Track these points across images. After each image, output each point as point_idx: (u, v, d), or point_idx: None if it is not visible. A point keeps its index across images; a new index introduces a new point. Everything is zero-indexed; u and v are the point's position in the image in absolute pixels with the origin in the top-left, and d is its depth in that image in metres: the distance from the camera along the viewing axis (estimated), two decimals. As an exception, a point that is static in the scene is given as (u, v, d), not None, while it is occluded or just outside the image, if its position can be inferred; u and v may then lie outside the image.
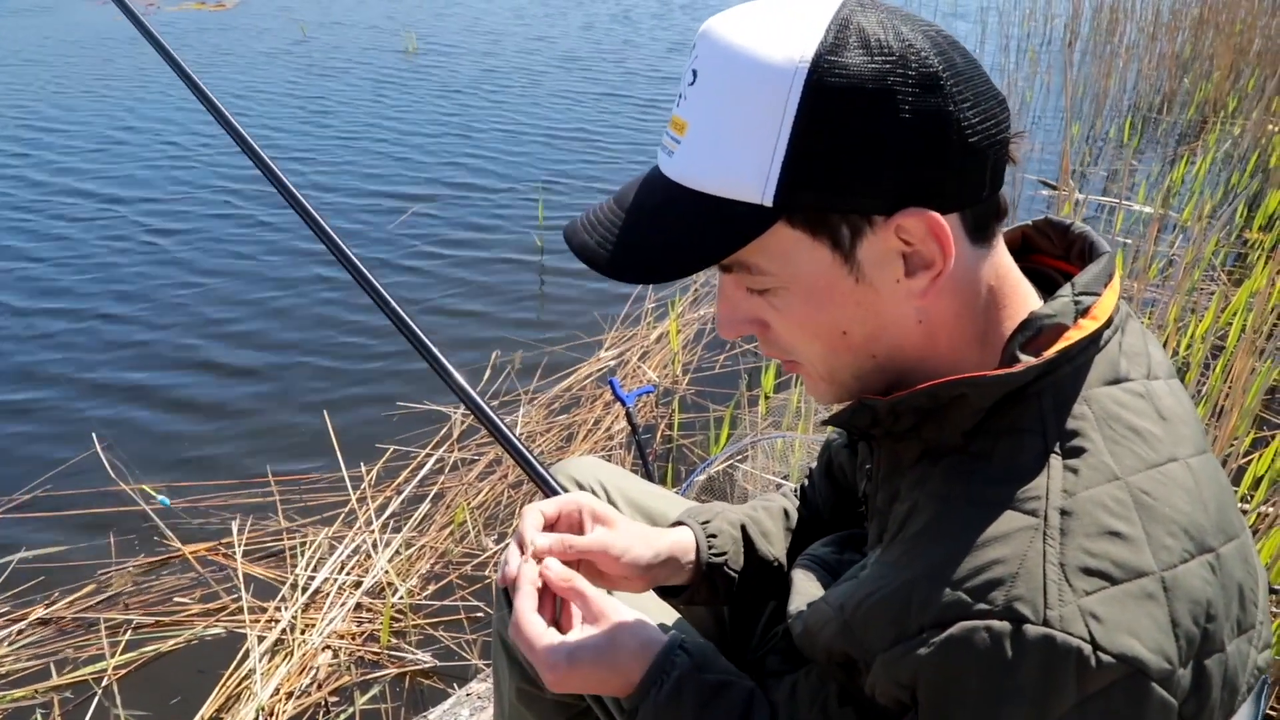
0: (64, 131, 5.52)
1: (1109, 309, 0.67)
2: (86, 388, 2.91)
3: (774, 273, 0.66)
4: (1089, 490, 0.60)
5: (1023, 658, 0.57)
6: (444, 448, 2.57)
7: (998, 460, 0.64)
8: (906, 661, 0.61)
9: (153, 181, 4.73)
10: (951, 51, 0.62)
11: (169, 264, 3.78)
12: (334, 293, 3.49)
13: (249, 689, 1.82)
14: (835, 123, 0.60)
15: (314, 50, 7.66)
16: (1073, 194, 3.82)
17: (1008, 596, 0.58)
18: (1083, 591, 0.57)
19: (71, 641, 1.95)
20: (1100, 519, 0.59)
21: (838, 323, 0.67)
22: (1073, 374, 0.65)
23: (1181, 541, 0.60)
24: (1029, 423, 0.64)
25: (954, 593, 0.59)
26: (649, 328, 3.19)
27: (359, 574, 2.12)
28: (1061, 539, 0.59)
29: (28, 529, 2.28)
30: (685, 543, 0.97)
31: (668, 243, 0.66)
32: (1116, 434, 0.63)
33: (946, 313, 0.68)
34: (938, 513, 0.65)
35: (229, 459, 2.55)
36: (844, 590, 0.72)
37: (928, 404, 0.67)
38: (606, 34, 8.42)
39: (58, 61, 7.32)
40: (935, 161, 0.61)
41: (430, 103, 6.10)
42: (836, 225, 0.63)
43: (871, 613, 0.66)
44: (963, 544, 0.61)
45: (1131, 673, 0.56)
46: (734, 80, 0.61)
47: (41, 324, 3.30)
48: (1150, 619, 0.57)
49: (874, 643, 0.65)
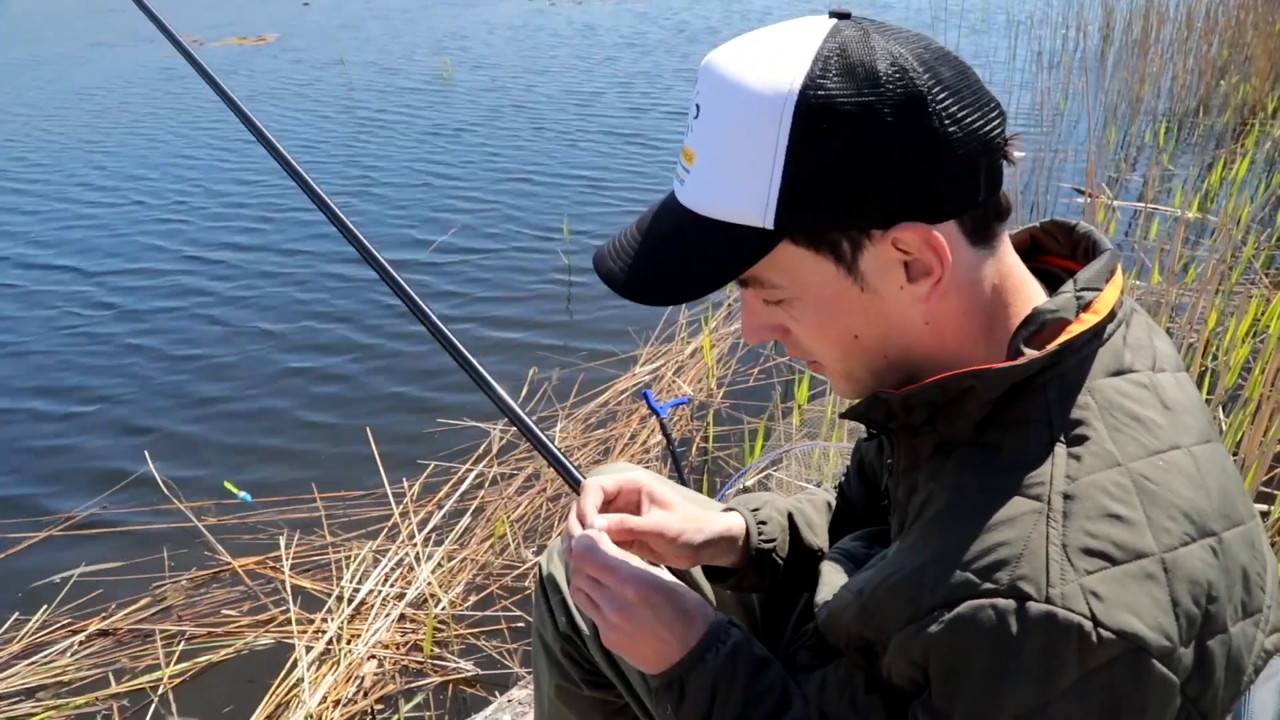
0: (123, 158, 5.71)
1: (1110, 303, 0.70)
2: (141, 409, 3.01)
3: (784, 286, 0.70)
4: (1091, 476, 0.63)
5: (1026, 634, 0.59)
6: (484, 463, 2.62)
7: (1006, 450, 0.67)
8: (919, 640, 0.64)
9: (204, 203, 4.89)
10: (939, 66, 0.65)
11: (217, 290, 3.90)
12: (377, 316, 3.58)
13: (297, 697, 1.88)
14: (825, 147, 0.63)
15: (353, 80, 7.85)
16: (1100, 199, 3.80)
17: (1012, 576, 0.60)
18: (1084, 571, 0.59)
19: (128, 652, 2.03)
20: (1102, 503, 0.62)
21: (849, 328, 0.71)
22: (1076, 366, 0.68)
23: (1182, 525, 0.62)
24: (1035, 414, 0.67)
25: (963, 574, 0.62)
26: (683, 343, 3.22)
27: (402, 586, 2.17)
28: (1064, 521, 0.61)
29: (86, 545, 2.36)
30: (735, 528, 1.01)
31: (681, 267, 0.70)
32: (1119, 422, 0.66)
33: (952, 313, 0.70)
34: (950, 501, 0.68)
35: (277, 477, 2.63)
36: (864, 576, 0.75)
37: (938, 396, 0.69)
38: (639, 62, 8.52)
39: (116, 96, 7.57)
40: (924, 174, 0.64)
41: (465, 128, 6.22)
42: (837, 241, 0.66)
43: (887, 595, 0.68)
44: (972, 528, 0.64)
45: (1132, 649, 0.58)
46: (731, 113, 0.66)
47: (98, 346, 3.42)
48: (1150, 598, 0.59)
49: (890, 624, 0.67)
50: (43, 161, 5.93)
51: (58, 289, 3.99)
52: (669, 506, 0.96)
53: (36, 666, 1.99)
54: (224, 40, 10.07)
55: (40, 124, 6.85)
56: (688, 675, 0.82)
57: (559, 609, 1.15)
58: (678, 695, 0.82)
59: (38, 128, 6.75)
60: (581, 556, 0.84)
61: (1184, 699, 0.61)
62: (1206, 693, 0.62)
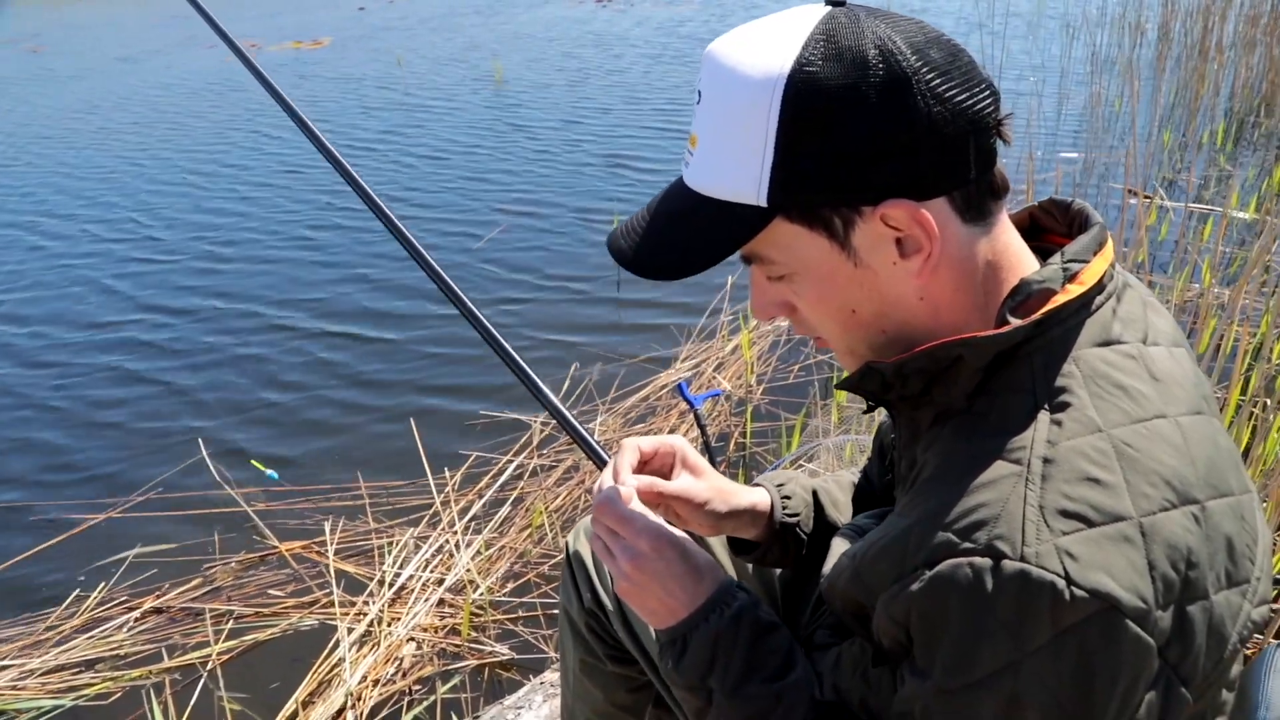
0: (180, 157, 5.89)
1: (1097, 274, 0.71)
2: (197, 401, 3.12)
3: (783, 262, 0.73)
4: (1071, 441, 0.64)
5: (1000, 591, 0.60)
6: (524, 454, 2.66)
7: (993, 417, 0.69)
8: (901, 599, 0.66)
9: (259, 204, 5.02)
10: (928, 48, 0.67)
11: (269, 287, 4.02)
12: (422, 310, 3.66)
13: (339, 676, 1.94)
14: (813, 127, 0.66)
15: (408, 82, 8.00)
16: (1155, 200, 3.73)
17: (990, 535, 0.62)
18: (1060, 532, 0.61)
19: (180, 629, 2.11)
20: (1080, 466, 0.63)
21: (846, 303, 0.73)
22: (1062, 336, 0.69)
23: (1162, 491, 0.63)
24: (1021, 381, 0.68)
25: (944, 534, 0.64)
26: (724, 340, 3.24)
27: (442, 572, 2.22)
28: (1042, 484, 0.63)
29: (142, 526, 2.46)
30: (760, 502, 1.04)
31: (685, 243, 0.74)
32: (1103, 390, 0.67)
33: (945, 287, 0.72)
34: (938, 466, 0.70)
35: (323, 465, 2.70)
36: (860, 543, 0.77)
37: (929, 365, 0.71)
38: (690, 62, 8.54)
39: (176, 99, 7.80)
40: (911, 152, 0.66)
41: (517, 128, 6.31)
42: (829, 218, 0.69)
43: (877, 558, 0.70)
44: (955, 491, 0.65)
45: (1105, 608, 0.59)
46: (726, 97, 0.69)
47: (160, 340, 3.55)
48: (1125, 560, 0.60)
49: (878, 585, 0.69)
50: (109, 161, 6.14)
51: (119, 284, 4.14)
52: (700, 473, 0.98)
53: (95, 640, 2.08)
54: (281, 44, 10.32)
55: (100, 124, 7.09)
56: (691, 633, 0.84)
57: (585, 585, 1.18)
58: (679, 651, 0.84)
59: (99, 128, 6.98)
60: (601, 507, 0.87)
61: (1163, 663, 0.62)
62: (1187, 659, 0.63)
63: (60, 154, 6.44)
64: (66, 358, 3.49)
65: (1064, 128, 5.29)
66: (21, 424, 3.05)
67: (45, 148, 6.63)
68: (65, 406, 3.14)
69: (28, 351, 3.57)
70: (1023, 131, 4.71)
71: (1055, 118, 5.48)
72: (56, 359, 3.49)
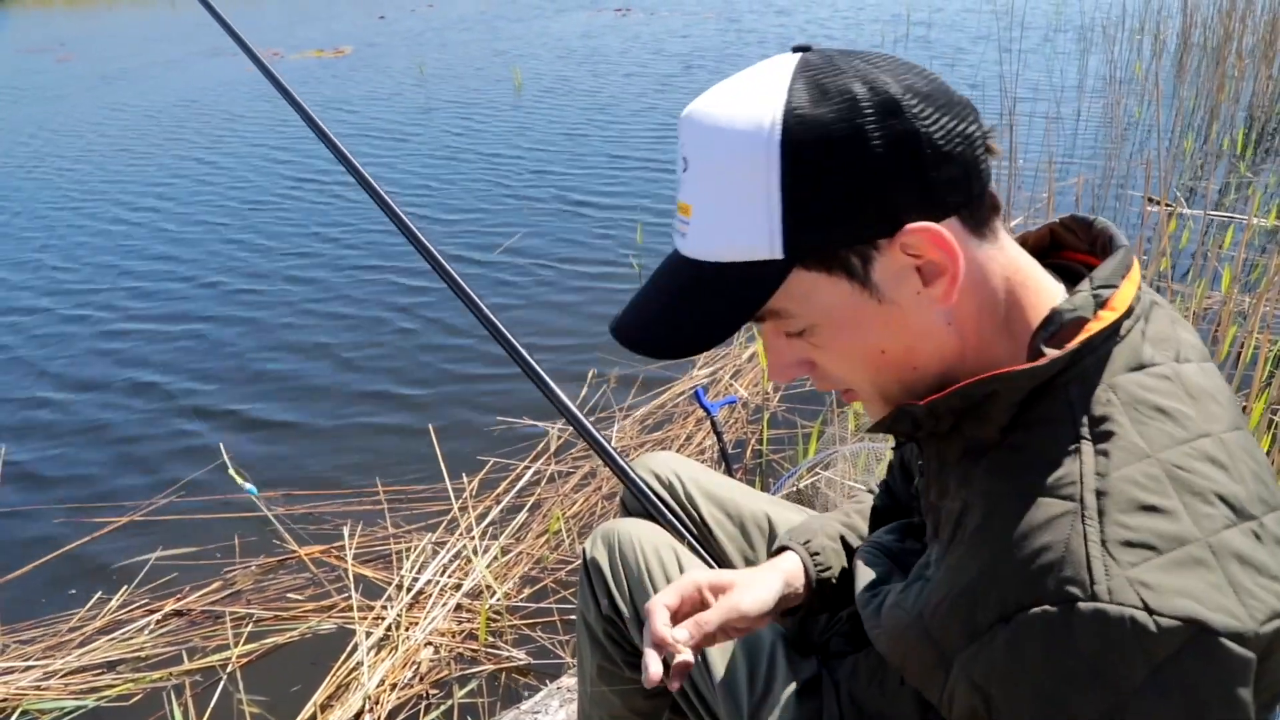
0: (200, 165, 5.95)
1: (1128, 300, 0.70)
2: (219, 408, 3.15)
3: (803, 314, 0.70)
4: (1120, 470, 0.62)
5: (1079, 635, 0.58)
6: (541, 461, 2.67)
7: (1033, 452, 0.67)
8: (980, 660, 0.64)
9: (277, 210, 5.07)
10: (907, 75, 0.67)
11: (290, 294, 4.05)
12: (440, 316, 3.68)
13: (357, 679, 1.95)
14: (817, 170, 0.65)
15: (428, 89, 8.05)
16: (1176, 208, 3.71)
17: (1058, 580, 0.59)
18: (1129, 564, 0.58)
19: (200, 632, 2.13)
20: (1135, 495, 0.61)
21: (874, 344, 0.71)
22: (1096, 364, 0.68)
23: (1221, 509, 0.61)
24: (1059, 413, 0.67)
25: (1011, 586, 0.62)
26: (741, 347, 3.24)
27: (459, 577, 2.23)
28: (1100, 519, 0.60)
29: (164, 530, 2.49)
30: (795, 570, 1.04)
31: (705, 315, 0.71)
32: (1144, 415, 0.65)
33: (969, 309, 0.71)
34: (987, 511, 0.68)
35: (343, 471, 2.73)
36: (914, 593, 0.74)
37: (961, 404, 0.70)
38: (709, 70, 8.56)
39: (196, 106, 7.88)
40: (917, 177, 0.66)
41: (536, 135, 6.34)
42: (846, 258, 0.68)
43: (947, 617, 0.68)
44: (1013, 538, 0.63)
45: (1196, 633, 0.56)
46: (719, 156, 0.68)
47: (180, 347, 3.59)
48: (1204, 582, 0.58)
49: (950, 646, 0.67)
50: (125, 170, 6.21)
51: (141, 290, 4.18)
52: (730, 586, 0.97)
53: (116, 642, 2.10)
54: (303, 52, 10.41)
55: (128, 133, 7.17)
56: None
57: (602, 592, 1.19)
58: None
59: (127, 137, 7.07)
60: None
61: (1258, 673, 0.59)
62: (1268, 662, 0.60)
63: (88, 160, 6.52)
64: (90, 362, 3.53)
65: (1082, 137, 5.27)
66: (45, 429, 3.09)
67: (73, 152, 6.72)
68: (87, 411, 3.17)
69: (50, 355, 3.61)
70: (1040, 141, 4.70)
71: (1073, 126, 5.46)
72: (80, 363, 3.53)
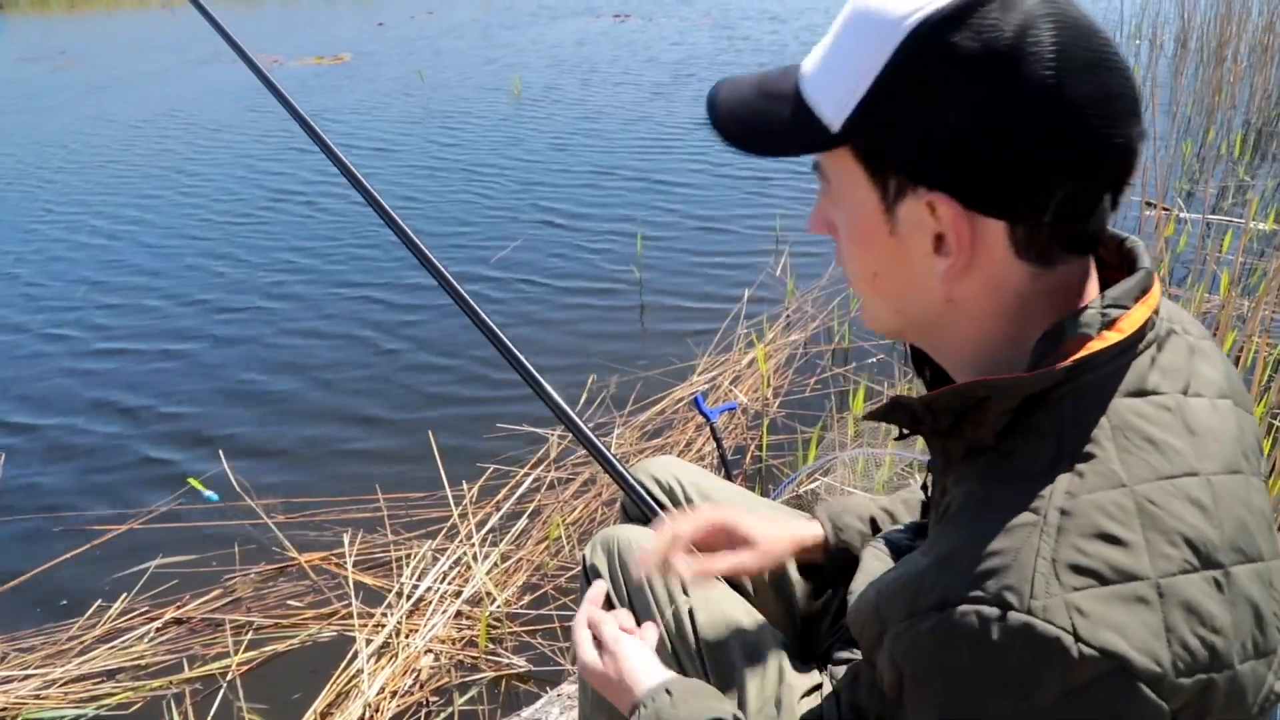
0: (192, 175, 5.96)
1: (1137, 322, 0.68)
2: (217, 414, 3.15)
3: (838, 192, 0.72)
4: (1092, 495, 0.62)
5: (1005, 643, 0.58)
6: (541, 467, 2.68)
7: (1016, 460, 0.66)
8: (904, 638, 0.64)
9: (274, 217, 5.07)
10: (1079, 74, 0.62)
11: (287, 297, 4.05)
12: (439, 325, 3.69)
13: (357, 687, 1.95)
14: (913, 84, 0.64)
15: (428, 97, 8.07)
16: (1173, 212, 3.71)
17: (999, 585, 0.59)
18: (1070, 587, 0.58)
19: (200, 639, 2.12)
20: (1098, 521, 0.60)
21: (872, 263, 0.72)
22: (1095, 384, 0.66)
23: (1183, 552, 0.60)
24: (1049, 426, 0.66)
25: (955, 578, 0.62)
26: (741, 353, 3.24)
27: (459, 584, 2.23)
28: (1057, 536, 0.60)
29: (163, 538, 2.49)
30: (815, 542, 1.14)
31: (766, 125, 0.73)
32: (1130, 444, 0.64)
33: (978, 307, 0.70)
34: (960, 506, 0.69)
35: (342, 477, 2.73)
36: (889, 575, 0.75)
37: (957, 404, 0.69)
38: (708, 76, 8.58)
39: (188, 115, 7.90)
40: (990, 164, 0.63)
41: (535, 141, 6.35)
42: (888, 176, 0.67)
43: (894, 594, 0.68)
44: (972, 535, 0.63)
45: (1114, 669, 0.57)
46: (859, 17, 0.68)
47: (178, 353, 3.59)
48: (1139, 621, 0.58)
49: (890, 621, 0.68)
50: (112, 181, 6.22)
51: (137, 301, 4.18)
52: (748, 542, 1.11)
53: (116, 650, 2.10)
54: (302, 60, 10.43)
55: (125, 141, 7.19)
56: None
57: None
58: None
59: (108, 146, 7.08)
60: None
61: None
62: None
63: (72, 172, 6.52)
64: (88, 368, 3.53)
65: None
66: (44, 436, 3.09)
67: (56, 163, 6.73)
68: (87, 418, 3.17)
69: (49, 362, 3.61)
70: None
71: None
72: (78, 370, 3.53)
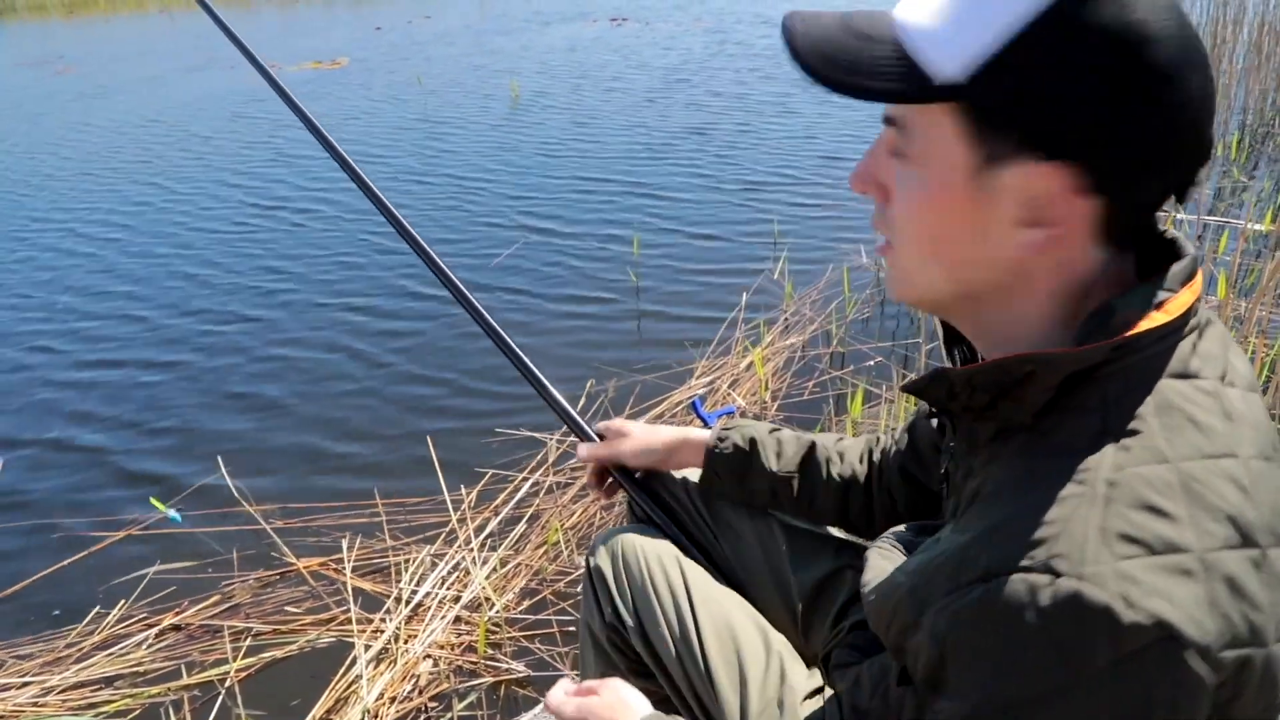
0: (190, 179, 5.96)
1: (1184, 306, 0.68)
2: (216, 419, 3.15)
3: (920, 146, 0.69)
4: (1137, 468, 0.62)
5: (1054, 610, 0.58)
6: (540, 472, 2.67)
7: (1060, 437, 0.66)
8: (948, 611, 0.64)
9: (272, 221, 5.07)
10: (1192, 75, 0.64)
11: (279, 306, 4.05)
12: (437, 330, 3.69)
13: (356, 693, 1.94)
14: (1055, 48, 0.63)
15: (426, 101, 8.07)
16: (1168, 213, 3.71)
17: (1048, 553, 0.59)
18: (1120, 556, 0.58)
19: (198, 646, 2.12)
20: (1144, 494, 0.61)
21: (939, 227, 0.70)
22: (1140, 364, 0.67)
23: (1225, 529, 0.61)
24: (1093, 403, 0.66)
25: (1002, 550, 0.62)
26: (739, 356, 3.24)
27: (458, 589, 2.23)
28: (1105, 507, 0.60)
29: (161, 544, 2.48)
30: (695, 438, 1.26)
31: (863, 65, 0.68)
32: (1174, 423, 0.64)
33: (1043, 285, 0.69)
34: (1000, 483, 0.68)
35: (341, 482, 2.72)
36: (915, 559, 0.75)
37: (998, 378, 0.69)
38: (706, 81, 8.58)
39: (166, 125, 7.90)
40: (1113, 142, 0.64)
41: (533, 146, 6.36)
42: (990, 137, 0.66)
43: (933, 573, 0.68)
44: (1016, 508, 0.64)
45: (1163, 637, 0.57)
46: None
47: (176, 359, 3.59)
48: (1187, 592, 0.58)
49: (931, 599, 0.67)
50: (132, 183, 6.22)
51: (133, 303, 4.18)
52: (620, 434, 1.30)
53: (114, 657, 2.09)
54: (301, 64, 10.43)
55: (128, 146, 7.19)
56: None
57: (605, 600, 1.20)
58: None
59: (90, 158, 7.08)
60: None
61: (1214, 705, 0.59)
62: (1235, 702, 0.60)
63: (88, 174, 6.53)
64: (83, 373, 3.53)
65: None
66: (42, 442, 3.08)
67: (38, 178, 6.73)
68: (84, 426, 3.17)
69: (45, 369, 3.61)
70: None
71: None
72: (76, 377, 3.53)
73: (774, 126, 6.55)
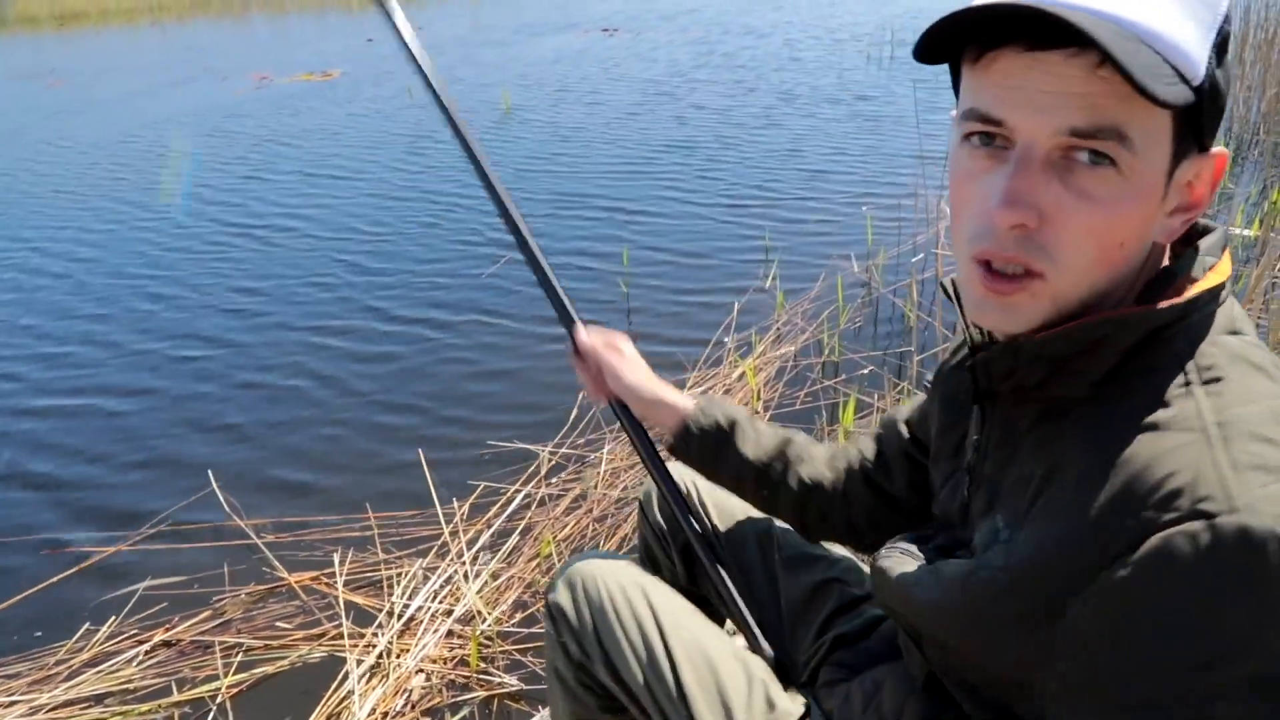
0: (198, 195, 5.95)
1: (1225, 273, 0.73)
2: (205, 431, 3.14)
3: (1136, 154, 0.66)
4: (1235, 409, 0.63)
5: (1223, 549, 0.58)
6: (532, 484, 2.67)
7: (1140, 399, 0.67)
8: (1093, 601, 0.62)
9: (268, 233, 5.06)
10: None
11: (278, 315, 4.04)
12: (428, 340, 3.68)
13: (348, 708, 1.93)
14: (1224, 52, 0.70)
15: (419, 111, 8.07)
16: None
17: (1192, 500, 0.59)
18: (1261, 484, 0.59)
19: (189, 662, 2.11)
20: (1255, 428, 0.62)
21: (1124, 231, 0.68)
22: (1199, 321, 0.70)
23: None
24: (1165, 362, 0.68)
25: (1137, 513, 0.61)
26: (731, 366, 3.25)
27: (451, 603, 2.22)
28: (1226, 445, 0.61)
29: (152, 559, 2.47)
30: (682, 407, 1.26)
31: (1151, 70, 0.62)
32: (1246, 369, 0.67)
33: (1135, 259, 0.72)
34: (1092, 460, 0.66)
35: (332, 496, 2.71)
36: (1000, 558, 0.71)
37: (1065, 349, 0.70)
38: (694, 91, 8.61)
39: (146, 141, 7.89)
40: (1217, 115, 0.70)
41: (524, 157, 6.36)
42: (1185, 137, 0.68)
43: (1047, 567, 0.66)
44: (1130, 473, 0.63)
45: None
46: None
47: (167, 372, 3.58)
48: None
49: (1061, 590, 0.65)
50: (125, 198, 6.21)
51: (125, 318, 4.17)
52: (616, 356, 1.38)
53: (104, 674, 2.08)
54: (293, 75, 10.44)
55: (67, 172, 7.17)
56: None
57: (569, 637, 1.16)
58: None
59: (64, 176, 7.06)
60: None
61: None
62: None
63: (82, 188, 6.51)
64: (74, 388, 3.52)
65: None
66: (30, 458, 3.07)
67: (13, 196, 6.71)
68: (73, 440, 3.16)
69: (33, 382, 3.59)
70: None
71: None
72: (63, 389, 3.51)
73: (761, 138, 6.57)
